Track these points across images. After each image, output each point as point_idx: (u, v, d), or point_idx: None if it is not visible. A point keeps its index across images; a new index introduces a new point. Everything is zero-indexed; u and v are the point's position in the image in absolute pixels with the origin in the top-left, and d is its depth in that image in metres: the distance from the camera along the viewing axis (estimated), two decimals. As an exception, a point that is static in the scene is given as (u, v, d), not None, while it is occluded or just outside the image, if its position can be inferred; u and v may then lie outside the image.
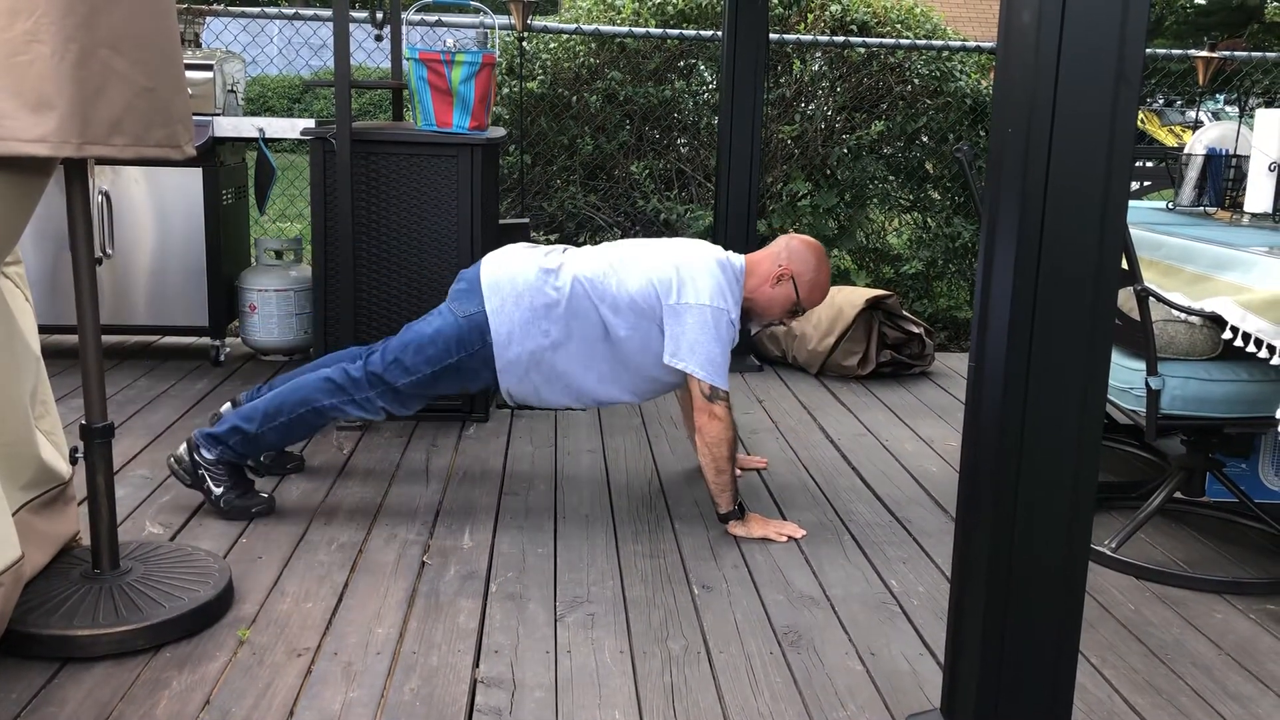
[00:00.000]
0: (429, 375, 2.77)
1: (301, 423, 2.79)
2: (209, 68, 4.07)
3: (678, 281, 2.73)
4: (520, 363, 2.77)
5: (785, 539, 2.77)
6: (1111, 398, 2.72)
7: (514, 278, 2.77)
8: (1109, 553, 2.72)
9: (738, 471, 3.26)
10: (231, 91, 4.29)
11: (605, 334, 2.77)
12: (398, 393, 2.79)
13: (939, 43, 5.53)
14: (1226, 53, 6.14)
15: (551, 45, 5.55)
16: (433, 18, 5.22)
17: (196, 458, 2.77)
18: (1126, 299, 2.59)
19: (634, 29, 5.38)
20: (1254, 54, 6.44)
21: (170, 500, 2.89)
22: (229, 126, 4.04)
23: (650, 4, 5.61)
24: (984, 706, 1.73)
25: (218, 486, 2.77)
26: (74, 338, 2.16)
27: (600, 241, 5.63)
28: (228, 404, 3.10)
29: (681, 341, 2.72)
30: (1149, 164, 3.92)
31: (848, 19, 5.57)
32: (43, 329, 2.98)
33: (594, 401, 2.87)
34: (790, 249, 2.86)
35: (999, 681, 1.72)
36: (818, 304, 2.93)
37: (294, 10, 5.63)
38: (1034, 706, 1.73)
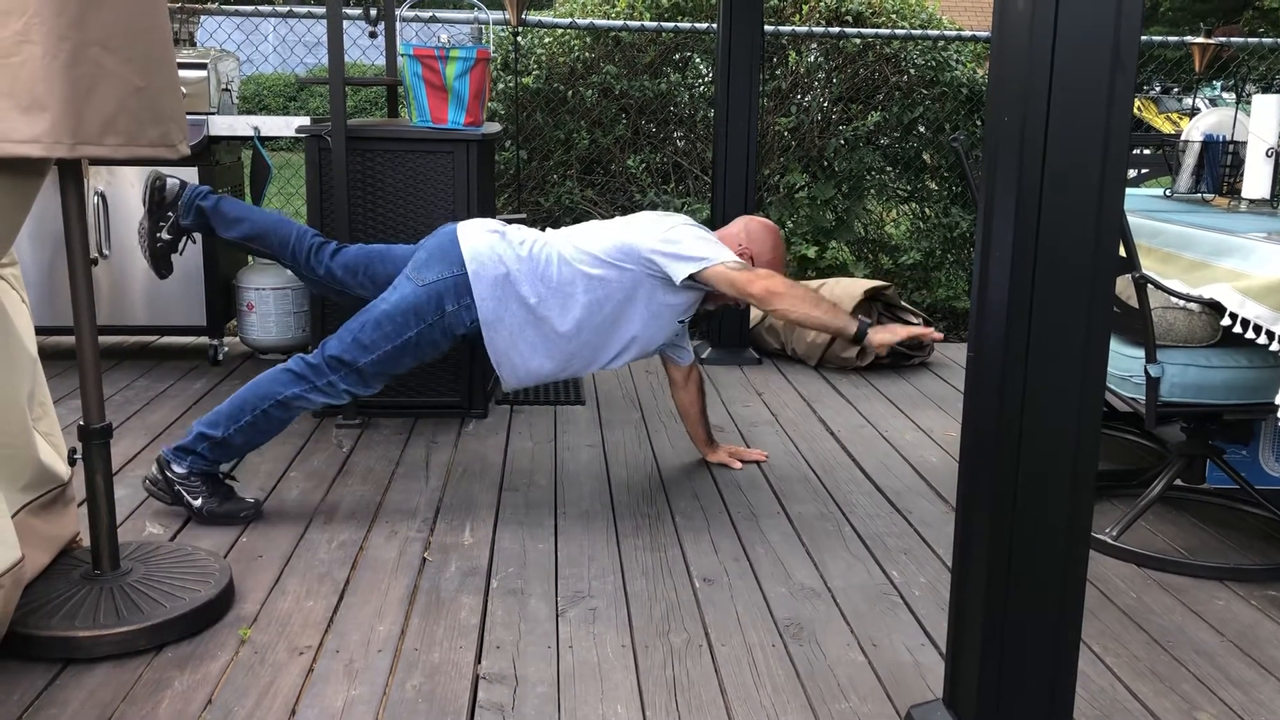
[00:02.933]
0: (390, 351, 2.75)
1: (266, 419, 2.76)
2: (203, 66, 4.06)
3: (652, 233, 2.78)
4: (504, 323, 2.78)
5: (926, 336, 2.68)
6: (1111, 386, 2.71)
7: (489, 244, 2.79)
8: (1110, 541, 2.71)
9: (737, 465, 3.27)
10: (226, 90, 4.28)
11: (585, 285, 2.78)
12: (360, 373, 2.77)
13: (934, 32, 5.52)
14: (1222, 39, 6.13)
15: (546, 40, 5.54)
16: (427, 13, 5.20)
17: (169, 474, 2.75)
18: (1125, 286, 2.59)
19: (629, 22, 5.37)
20: (1250, 40, 6.43)
21: (170, 500, 2.89)
22: (224, 125, 4.03)
23: (645, -3, 5.60)
24: (986, 696, 1.73)
25: (195, 498, 2.73)
26: (72, 339, 2.15)
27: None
28: (175, 180, 3.06)
29: (680, 260, 2.74)
30: (1146, 151, 3.92)
31: (843, 9, 5.56)
32: (40, 330, 2.98)
33: (580, 358, 2.86)
34: (749, 230, 2.94)
35: (1001, 671, 1.72)
36: None
37: (288, 8, 5.62)
38: (1036, 695, 1.73)
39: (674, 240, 2.77)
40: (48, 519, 2.27)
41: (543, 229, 2.95)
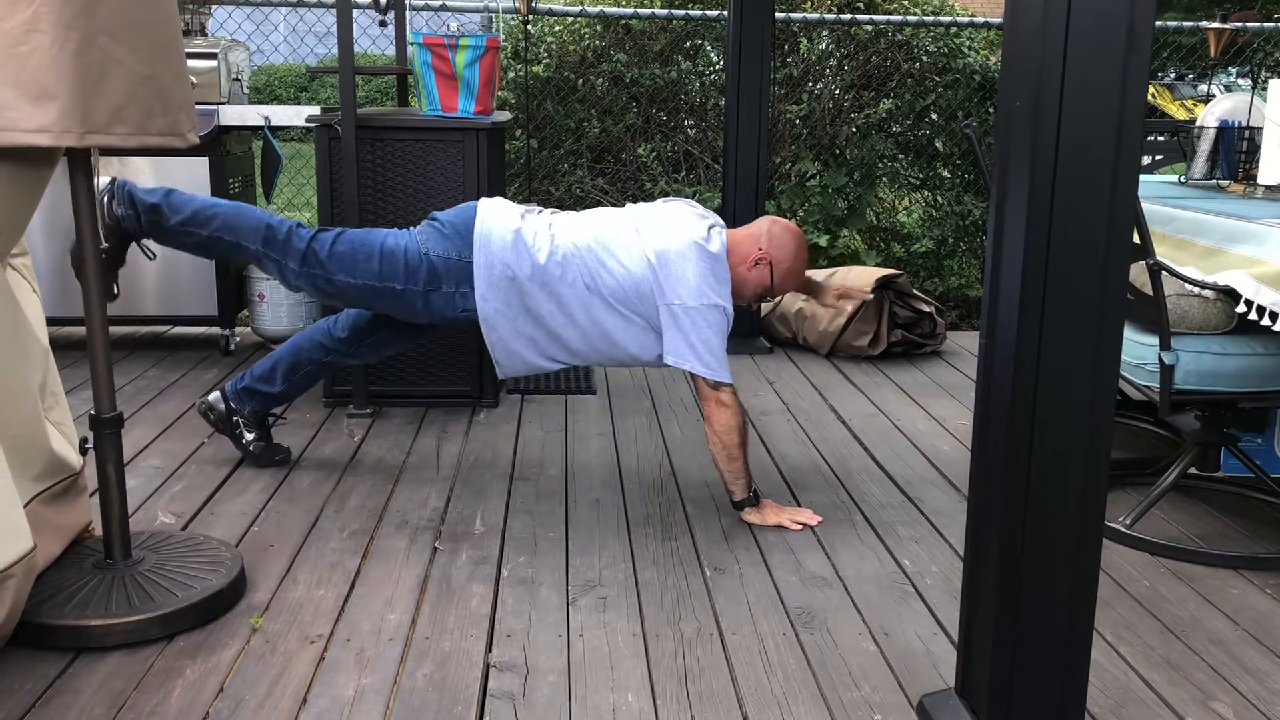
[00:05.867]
0: (368, 287, 2.71)
1: (218, 245, 2.72)
2: (214, 56, 4.06)
3: (664, 278, 2.64)
4: (503, 324, 2.72)
5: (800, 527, 2.74)
6: (1125, 373, 2.70)
7: (502, 239, 2.70)
8: (1123, 529, 2.70)
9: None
10: (236, 80, 4.28)
11: (588, 299, 2.71)
12: (330, 283, 2.72)
13: (947, 19, 5.49)
14: (1238, 24, 6.08)
15: (556, 28, 5.52)
16: (437, 2, 5.19)
17: (106, 202, 2.69)
18: (1139, 274, 2.57)
19: (639, 10, 5.35)
20: (1266, 25, 6.37)
21: (182, 490, 2.90)
22: (234, 115, 4.03)
23: (655, -15, 5.58)
24: (998, 685, 1.73)
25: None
26: (83, 329, 2.16)
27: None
28: (212, 395, 3.14)
29: (678, 342, 2.65)
30: (1161, 138, 3.89)
31: (854, -4, 5.53)
32: (52, 321, 2.98)
33: (568, 352, 2.79)
34: (771, 233, 2.79)
35: (1013, 660, 1.71)
36: (789, 290, 2.91)
37: (298, -3, 5.61)
38: (1049, 685, 1.72)
39: (687, 323, 2.65)
40: (60, 508, 2.28)
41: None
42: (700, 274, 2.65)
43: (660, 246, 2.67)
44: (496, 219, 2.74)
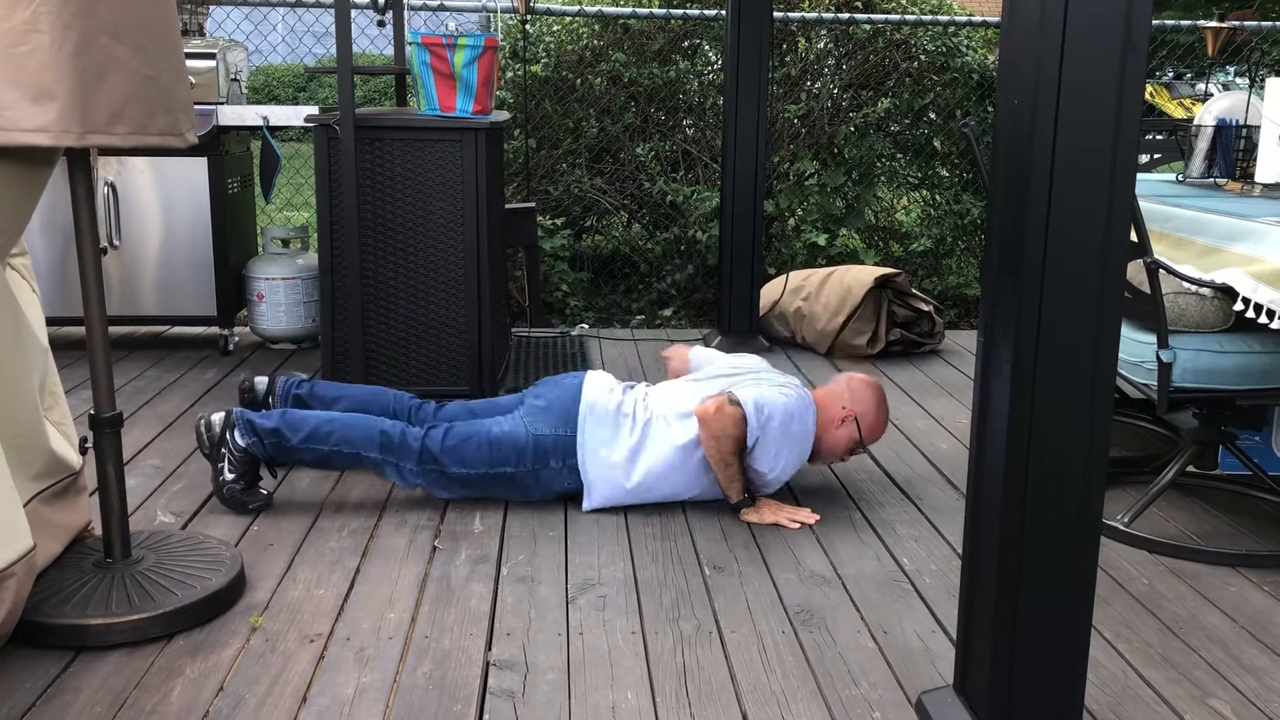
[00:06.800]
0: (481, 475, 2.77)
1: (338, 458, 2.78)
2: (212, 56, 4.06)
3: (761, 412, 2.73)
4: (598, 491, 2.80)
5: (798, 525, 2.76)
6: (1122, 371, 2.70)
7: (603, 414, 2.80)
8: (1122, 527, 2.70)
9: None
10: (235, 80, 4.28)
11: (671, 462, 2.80)
12: (447, 478, 2.77)
13: (945, 18, 5.49)
14: (1236, 23, 6.08)
15: (555, 28, 5.53)
16: (435, 1, 5.19)
17: (229, 436, 2.73)
18: (1137, 272, 2.57)
19: (637, 9, 5.36)
20: (1264, 24, 6.38)
21: (181, 489, 2.90)
22: (233, 115, 4.03)
23: (653, -16, 5.58)
24: (997, 683, 1.73)
25: (230, 472, 2.73)
26: (83, 329, 2.16)
27: (607, 224, 5.63)
28: (262, 378, 3.07)
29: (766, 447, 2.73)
30: (1159, 136, 3.89)
31: (852, -5, 5.54)
32: (52, 321, 2.98)
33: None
34: (852, 390, 2.89)
35: (1012, 657, 1.71)
36: (877, 440, 2.95)
37: (296, -3, 5.61)
38: (1047, 682, 1.72)
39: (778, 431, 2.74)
40: (59, 508, 2.28)
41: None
42: (797, 404, 2.79)
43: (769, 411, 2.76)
44: (601, 392, 2.84)
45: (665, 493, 2.83)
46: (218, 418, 2.77)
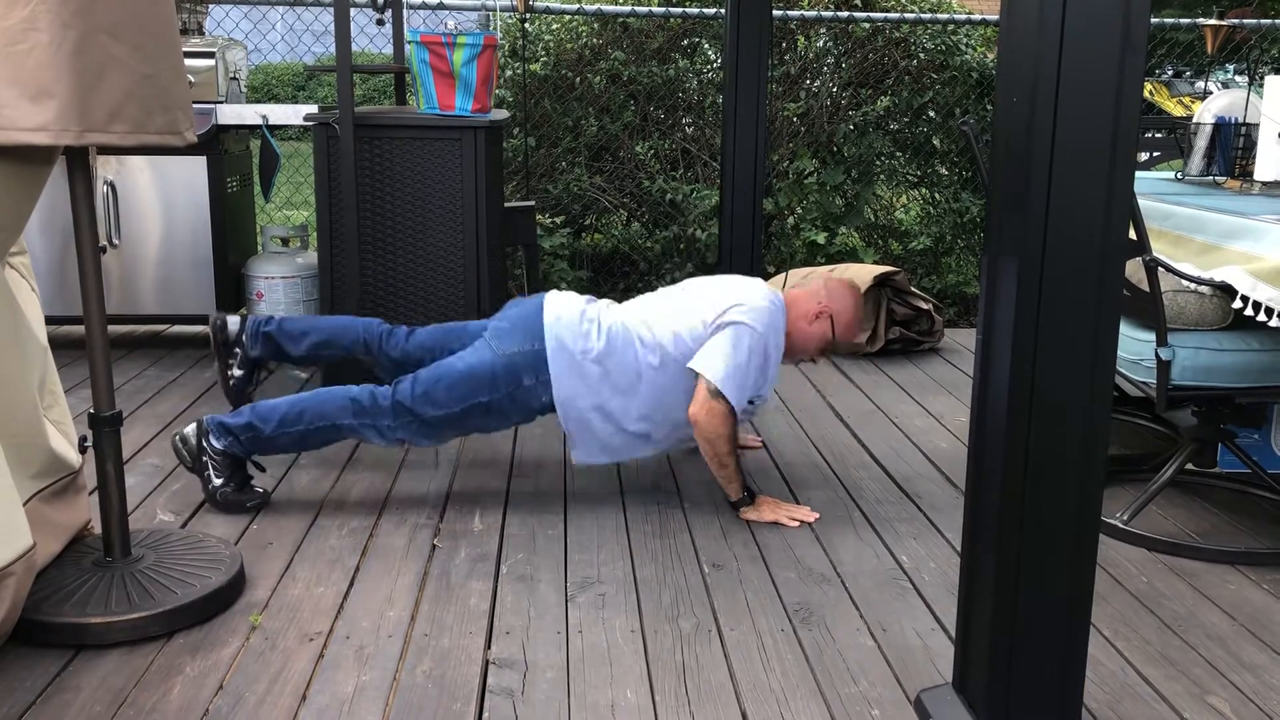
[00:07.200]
0: (458, 412, 2.74)
1: (317, 435, 2.77)
2: (211, 55, 4.06)
3: (732, 302, 2.74)
4: (578, 405, 2.77)
5: (797, 524, 2.75)
6: (1121, 370, 2.70)
7: (571, 322, 2.77)
8: (1121, 525, 2.71)
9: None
10: (234, 79, 4.28)
11: (639, 374, 2.77)
12: (425, 424, 2.75)
13: (944, 16, 5.49)
14: (1235, 21, 6.08)
15: (554, 26, 5.52)
16: (434, 1, 5.19)
17: (205, 444, 2.75)
18: (1135, 269, 2.57)
19: (636, 8, 5.35)
20: (1263, 21, 6.38)
21: (181, 488, 2.90)
22: (232, 114, 4.03)
23: (652, -17, 5.58)
24: (996, 680, 1.73)
25: (217, 477, 2.74)
26: (82, 328, 2.16)
27: (606, 222, 5.62)
28: (234, 316, 3.00)
29: (712, 350, 2.71)
30: (1158, 134, 3.89)
31: (852, -6, 5.53)
32: (51, 320, 2.98)
33: (628, 443, 2.84)
34: (829, 288, 2.88)
35: (1011, 655, 1.71)
36: (849, 341, 2.94)
37: (295, -4, 5.60)
38: (1046, 680, 1.72)
39: (731, 337, 2.71)
40: (59, 507, 2.28)
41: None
42: (767, 309, 2.76)
43: (740, 288, 2.79)
44: (566, 305, 2.81)
45: (643, 413, 2.78)
46: (190, 429, 2.78)
